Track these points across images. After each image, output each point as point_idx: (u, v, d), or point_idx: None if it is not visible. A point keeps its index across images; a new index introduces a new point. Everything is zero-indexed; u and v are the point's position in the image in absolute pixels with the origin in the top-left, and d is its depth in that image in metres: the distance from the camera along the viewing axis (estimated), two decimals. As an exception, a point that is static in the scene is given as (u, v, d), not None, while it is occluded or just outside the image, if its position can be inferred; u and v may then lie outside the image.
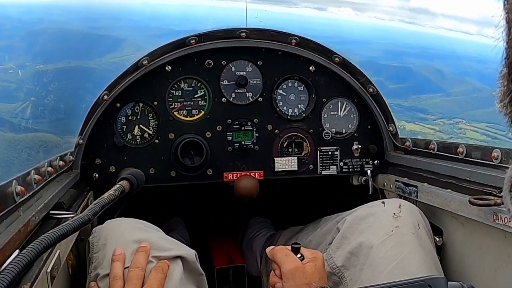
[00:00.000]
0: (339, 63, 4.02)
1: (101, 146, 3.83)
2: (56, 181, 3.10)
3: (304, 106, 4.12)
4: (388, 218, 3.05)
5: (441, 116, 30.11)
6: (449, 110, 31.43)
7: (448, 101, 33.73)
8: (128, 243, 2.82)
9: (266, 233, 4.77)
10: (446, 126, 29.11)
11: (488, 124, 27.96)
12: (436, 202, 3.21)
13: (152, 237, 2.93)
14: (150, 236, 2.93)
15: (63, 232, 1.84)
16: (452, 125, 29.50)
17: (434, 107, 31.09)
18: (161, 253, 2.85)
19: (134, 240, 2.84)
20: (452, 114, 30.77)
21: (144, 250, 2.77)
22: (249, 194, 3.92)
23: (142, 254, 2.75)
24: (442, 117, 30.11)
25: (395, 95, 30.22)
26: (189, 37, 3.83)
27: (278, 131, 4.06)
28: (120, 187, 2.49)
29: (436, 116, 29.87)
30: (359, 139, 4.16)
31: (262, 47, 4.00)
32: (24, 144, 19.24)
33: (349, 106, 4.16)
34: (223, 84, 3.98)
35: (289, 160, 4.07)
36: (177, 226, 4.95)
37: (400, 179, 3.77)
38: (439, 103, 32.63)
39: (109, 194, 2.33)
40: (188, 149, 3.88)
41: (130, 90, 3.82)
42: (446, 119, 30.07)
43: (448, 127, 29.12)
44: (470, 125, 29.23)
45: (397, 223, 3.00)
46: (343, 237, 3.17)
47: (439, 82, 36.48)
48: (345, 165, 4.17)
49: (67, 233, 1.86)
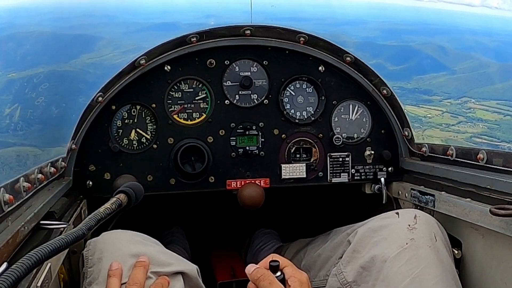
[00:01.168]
0: (351, 63, 4.02)
1: (95, 152, 3.83)
2: (47, 189, 3.09)
3: (313, 109, 4.11)
4: (402, 230, 3.04)
5: (448, 96, 29.98)
6: (455, 89, 31.28)
7: (453, 79, 33.54)
8: (125, 257, 2.81)
9: (272, 246, 4.76)
10: (453, 106, 28.99)
11: (499, 101, 27.89)
12: (454, 212, 3.20)
13: (151, 251, 2.92)
14: (149, 250, 2.93)
15: (55, 247, 1.84)
16: (460, 105, 29.36)
17: (439, 87, 30.96)
18: (160, 268, 2.84)
19: (132, 254, 2.83)
20: (459, 93, 30.62)
21: (142, 265, 2.77)
22: (254, 204, 3.92)
23: (140, 269, 2.74)
24: (448, 97, 29.98)
25: (397, 77, 30.06)
26: (189, 34, 3.83)
27: (285, 136, 4.06)
28: (117, 200, 2.50)
29: (442, 97, 29.75)
30: (372, 144, 4.15)
31: (268, 45, 4.00)
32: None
33: (362, 109, 4.15)
34: (226, 85, 3.98)
35: (297, 167, 4.06)
36: (177, 237, 4.94)
37: (416, 187, 3.76)
38: (444, 82, 32.48)
39: (105, 208, 2.33)
40: (189, 155, 3.87)
41: (126, 92, 3.82)
42: (453, 99, 29.93)
43: (455, 107, 28.99)
44: (479, 103, 29.11)
45: (413, 235, 2.99)
46: (355, 251, 3.16)
47: (443, 60, 36.29)
48: (357, 173, 4.16)
49: (60, 249, 1.86)
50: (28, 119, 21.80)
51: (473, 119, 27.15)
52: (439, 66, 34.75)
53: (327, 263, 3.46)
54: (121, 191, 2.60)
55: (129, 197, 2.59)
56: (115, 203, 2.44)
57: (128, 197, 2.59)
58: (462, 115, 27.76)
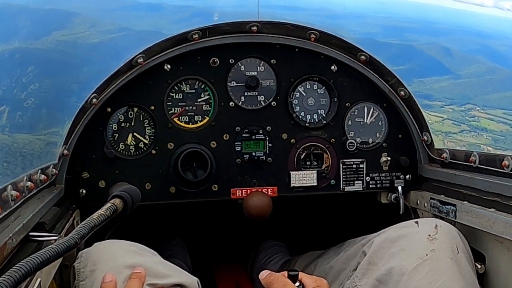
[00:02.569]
0: (366, 62, 4.01)
1: (89, 158, 3.83)
2: (37, 198, 3.09)
3: (324, 111, 4.12)
4: (422, 241, 3.03)
5: (450, 102, 29.79)
6: (459, 95, 31.07)
7: (457, 84, 33.29)
8: (120, 268, 2.81)
9: (280, 259, 4.75)
10: (456, 113, 28.77)
11: (506, 111, 27.72)
12: (477, 224, 3.19)
13: (148, 262, 2.91)
14: (145, 261, 2.92)
15: (45, 258, 1.84)
16: (464, 112, 29.15)
17: (441, 92, 30.77)
18: (158, 280, 2.84)
19: (127, 265, 2.82)
20: (463, 99, 30.41)
21: (138, 276, 2.76)
22: (260, 214, 3.91)
23: (136, 281, 2.74)
24: (451, 103, 29.78)
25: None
26: (191, 31, 3.83)
27: (294, 141, 4.06)
28: (111, 206, 2.49)
29: (444, 102, 29.56)
30: (388, 150, 4.15)
31: (276, 43, 4.00)
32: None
33: (377, 112, 4.15)
34: (230, 86, 3.99)
35: (307, 174, 4.06)
36: (177, 250, 4.93)
37: (436, 196, 3.76)
38: (447, 86, 32.25)
39: (99, 214, 2.32)
40: (190, 161, 3.87)
41: (122, 93, 3.83)
42: (456, 106, 29.73)
43: (458, 114, 28.79)
44: (484, 112, 28.89)
45: (433, 246, 2.98)
46: (370, 263, 3.15)
47: (447, 63, 36.02)
48: (372, 180, 4.16)
49: (50, 259, 1.85)
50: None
51: (477, 128, 26.98)
52: (442, 69, 34.55)
53: (340, 276, 3.45)
54: (116, 195, 2.60)
55: (125, 202, 2.59)
56: (109, 209, 2.43)
57: (124, 202, 2.59)
58: (465, 123, 27.61)
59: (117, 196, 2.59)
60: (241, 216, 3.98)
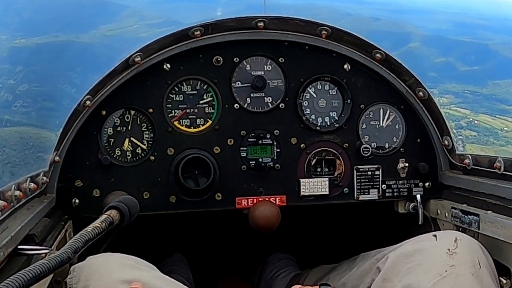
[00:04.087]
0: (381, 60, 4.01)
1: (82, 165, 3.84)
2: (26, 208, 3.09)
3: (337, 114, 4.12)
4: (441, 255, 3.03)
5: None
6: None
7: None
8: (115, 284, 2.81)
9: (289, 273, 4.75)
10: None
11: None
12: (502, 235, 3.19)
13: (146, 277, 2.91)
14: (143, 275, 2.92)
15: (36, 273, 1.84)
16: None
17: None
18: (157, 296, 2.85)
19: (123, 280, 2.82)
20: None
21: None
22: (268, 225, 3.91)
23: (133, 297, 2.75)
24: None
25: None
26: (192, 27, 3.83)
27: (304, 146, 4.06)
28: (107, 218, 2.49)
29: None
30: (406, 155, 4.15)
31: (285, 40, 4.01)
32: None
33: (394, 114, 4.16)
34: (235, 86, 4.00)
35: (318, 182, 4.07)
36: (178, 265, 4.93)
37: (457, 205, 3.76)
38: None
39: (94, 227, 2.33)
40: (192, 168, 3.88)
41: (118, 94, 3.84)
42: None
43: None
44: None
45: (453, 262, 2.98)
46: (385, 279, 3.15)
47: None
48: (388, 189, 4.16)
49: (41, 275, 1.86)
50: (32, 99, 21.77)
51: None
52: (521, 72, 34.24)
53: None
54: (112, 206, 2.60)
55: (122, 214, 2.60)
56: (105, 221, 2.44)
57: (121, 213, 2.60)
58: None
59: (114, 207, 2.59)
60: (247, 227, 3.98)
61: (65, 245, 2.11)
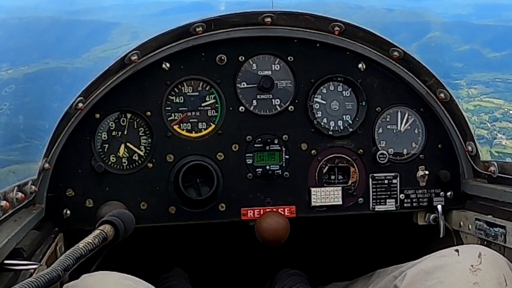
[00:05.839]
0: (399, 59, 3.99)
1: (74, 172, 3.82)
2: (13, 220, 3.08)
3: (351, 117, 4.10)
4: (463, 272, 3.00)
5: None
6: None
7: None
8: None
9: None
10: None
11: None
12: (532, 250, 3.18)
13: None
14: None
15: None
16: None
17: None
18: (155, 318, 2.84)
19: None
20: None
21: None
22: (276, 238, 3.90)
23: (130, 320, 2.74)
24: None
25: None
26: (194, 23, 3.82)
27: (315, 152, 4.05)
28: (101, 233, 2.48)
29: None
30: (426, 162, 4.13)
31: (294, 37, 3.99)
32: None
33: (413, 118, 4.14)
34: (240, 87, 3.98)
35: (331, 191, 4.05)
36: (178, 281, 4.92)
37: (482, 217, 3.74)
38: None
39: (86, 243, 2.31)
40: (193, 176, 3.86)
41: (113, 96, 3.82)
42: None
43: None
44: None
45: (476, 279, 2.95)
46: (404, 298, 3.14)
47: None
48: (406, 198, 4.14)
49: None
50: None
51: None
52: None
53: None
54: (106, 221, 2.59)
55: (116, 229, 2.59)
56: (98, 237, 2.43)
57: (115, 229, 2.58)
58: None
59: (107, 222, 2.58)
60: (253, 241, 3.97)
61: (55, 262, 2.09)
